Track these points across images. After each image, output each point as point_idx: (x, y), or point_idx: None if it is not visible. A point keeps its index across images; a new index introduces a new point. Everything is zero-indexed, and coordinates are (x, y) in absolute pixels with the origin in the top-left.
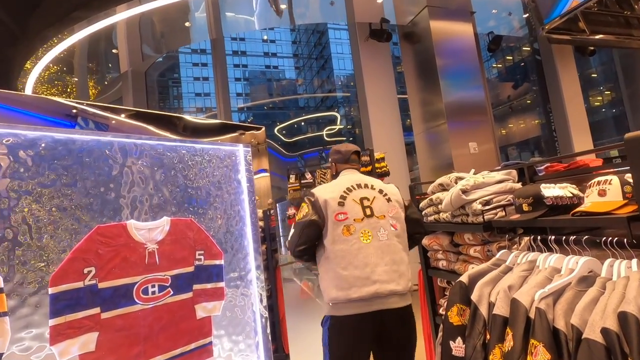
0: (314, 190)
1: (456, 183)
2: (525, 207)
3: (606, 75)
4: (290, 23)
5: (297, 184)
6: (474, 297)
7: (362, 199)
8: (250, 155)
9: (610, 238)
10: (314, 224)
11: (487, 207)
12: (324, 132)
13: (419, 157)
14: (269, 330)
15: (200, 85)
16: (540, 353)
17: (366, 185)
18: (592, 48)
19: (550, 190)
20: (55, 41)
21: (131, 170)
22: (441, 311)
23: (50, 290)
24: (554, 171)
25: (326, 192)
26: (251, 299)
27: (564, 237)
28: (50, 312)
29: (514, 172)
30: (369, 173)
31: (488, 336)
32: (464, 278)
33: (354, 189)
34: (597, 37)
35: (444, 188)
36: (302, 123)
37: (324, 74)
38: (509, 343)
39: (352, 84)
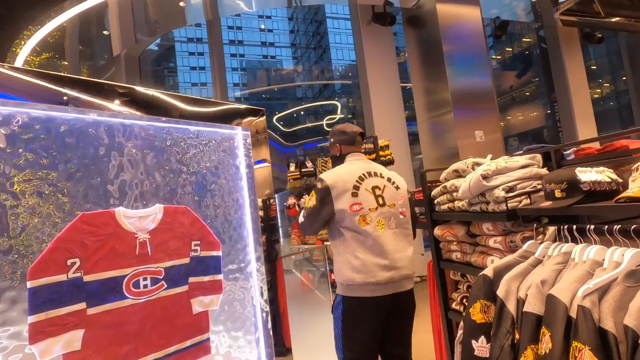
0: (324, 177)
1: (473, 169)
2: (558, 194)
3: (611, 65)
4: (288, 5)
5: (298, 173)
6: (500, 292)
7: (373, 188)
8: (250, 140)
9: None
10: (326, 212)
11: (511, 194)
12: (324, 122)
13: (423, 146)
14: (270, 325)
15: (197, 74)
16: (586, 357)
17: (375, 174)
18: (599, 36)
19: (587, 175)
20: (45, 20)
21: (119, 153)
22: (454, 306)
23: (29, 284)
24: (585, 155)
25: (338, 180)
26: (251, 292)
27: (606, 227)
28: (30, 308)
29: (539, 157)
30: (372, 161)
31: (517, 336)
32: (488, 271)
33: (366, 177)
34: (613, 19)
35: (459, 174)
36: (302, 113)
37: (322, 64)
38: (546, 345)
39: (350, 74)
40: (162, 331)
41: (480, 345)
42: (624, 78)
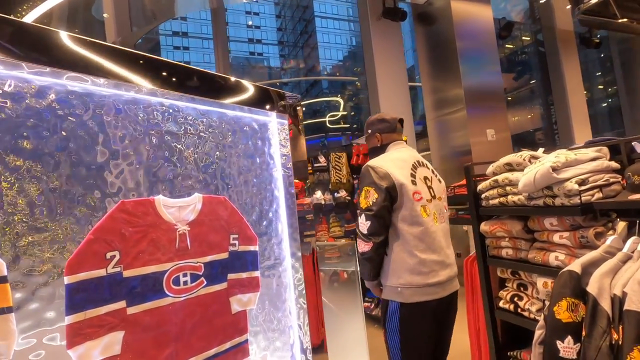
0: (376, 165)
1: (530, 162)
2: None
3: (603, 69)
4: None
5: (310, 168)
6: (591, 289)
7: (424, 179)
8: (286, 128)
9: None
10: (391, 202)
11: (584, 187)
12: (327, 119)
13: (432, 144)
14: (306, 324)
15: None
16: None
17: (423, 164)
18: (597, 40)
19: None
20: (35, 3)
21: (153, 137)
22: (501, 304)
23: (67, 280)
24: None
25: (394, 167)
26: (286, 289)
27: None
28: (67, 306)
29: (606, 149)
30: None
31: (615, 336)
32: (574, 267)
33: (418, 166)
34: (627, 22)
35: (512, 168)
36: (303, 109)
37: (310, 63)
38: None
39: (337, 73)
40: (202, 333)
41: (567, 346)
42: (615, 86)
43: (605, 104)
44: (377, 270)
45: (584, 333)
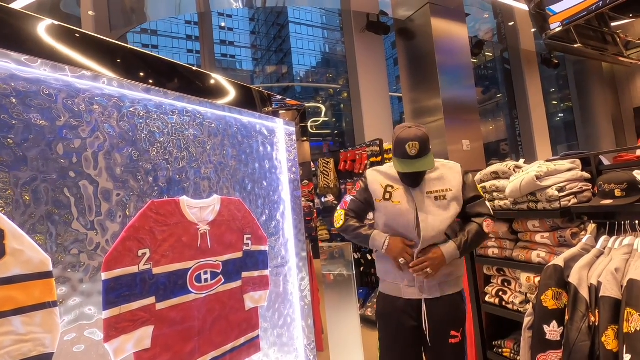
0: None
1: (514, 171)
2: (618, 193)
3: (559, 87)
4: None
5: None
6: (573, 280)
7: None
8: (294, 134)
9: None
10: None
11: (562, 194)
12: (309, 124)
13: None
14: (310, 322)
15: None
16: None
17: None
18: (556, 61)
19: None
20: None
21: (165, 141)
22: (487, 298)
23: (104, 276)
24: (625, 161)
25: None
26: (291, 289)
27: None
28: (104, 301)
29: (579, 162)
30: (378, 163)
31: (592, 319)
32: (558, 262)
33: None
34: (584, 48)
35: (498, 176)
36: None
37: (283, 68)
38: (635, 324)
39: (310, 79)
40: (221, 328)
41: (552, 330)
42: (568, 102)
43: (558, 119)
44: None
45: (566, 318)
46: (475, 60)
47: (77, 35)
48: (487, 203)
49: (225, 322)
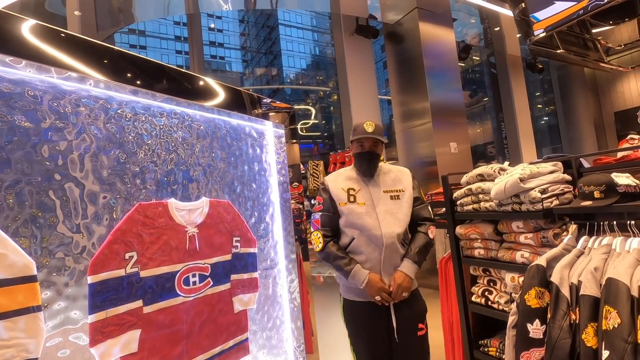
0: None
1: (499, 173)
2: (597, 194)
3: (542, 91)
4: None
5: None
6: (554, 279)
7: None
8: (283, 137)
9: None
10: None
11: (544, 196)
12: (298, 126)
13: (400, 154)
14: (300, 324)
15: None
16: None
17: None
18: (540, 66)
19: (622, 179)
20: None
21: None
22: (474, 299)
23: (90, 279)
24: (604, 164)
25: None
26: (280, 291)
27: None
28: (90, 305)
29: (560, 164)
30: None
31: (573, 316)
32: (541, 261)
33: None
34: (567, 53)
35: (484, 178)
36: None
37: (272, 70)
38: (613, 321)
39: (300, 82)
40: (209, 331)
41: (535, 328)
42: (552, 106)
43: (543, 122)
44: None
45: (549, 316)
46: (463, 64)
47: (63, 35)
48: (429, 208)
49: (214, 325)
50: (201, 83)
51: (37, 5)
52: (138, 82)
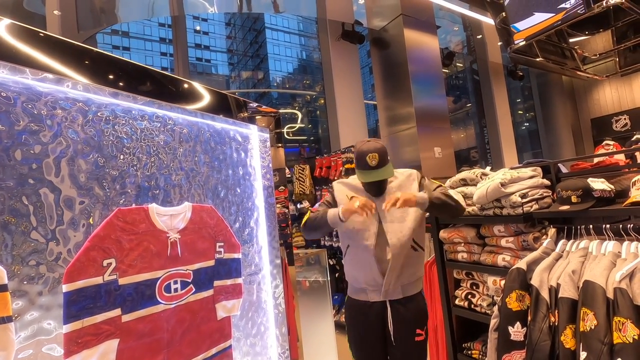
0: None
1: (481, 178)
2: (574, 199)
3: (523, 97)
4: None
5: None
6: (534, 282)
7: None
8: (268, 141)
9: None
10: None
11: (524, 200)
12: (285, 130)
13: None
14: (284, 329)
15: None
16: (629, 328)
17: None
18: (521, 74)
19: (598, 184)
20: None
21: (131, 144)
22: (457, 302)
23: (65, 288)
24: (580, 169)
25: None
26: (265, 297)
27: (621, 225)
28: (65, 315)
29: (539, 169)
30: (353, 170)
31: (552, 319)
32: (521, 265)
33: None
34: (546, 62)
35: (466, 183)
36: None
37: (259, 73)
38: (590, 322)
39: (287, 85)
40: (191, 339)
41: (516, 330)
42: (532, 112)
43: (524, 128)
44: None
45: (529, 318)
46: (447, 71)
47: (39, 35)
48: (450, 191)
49: (196, 332)
50: (185, 86)
51: (15, 4)
52: (118, 84)
